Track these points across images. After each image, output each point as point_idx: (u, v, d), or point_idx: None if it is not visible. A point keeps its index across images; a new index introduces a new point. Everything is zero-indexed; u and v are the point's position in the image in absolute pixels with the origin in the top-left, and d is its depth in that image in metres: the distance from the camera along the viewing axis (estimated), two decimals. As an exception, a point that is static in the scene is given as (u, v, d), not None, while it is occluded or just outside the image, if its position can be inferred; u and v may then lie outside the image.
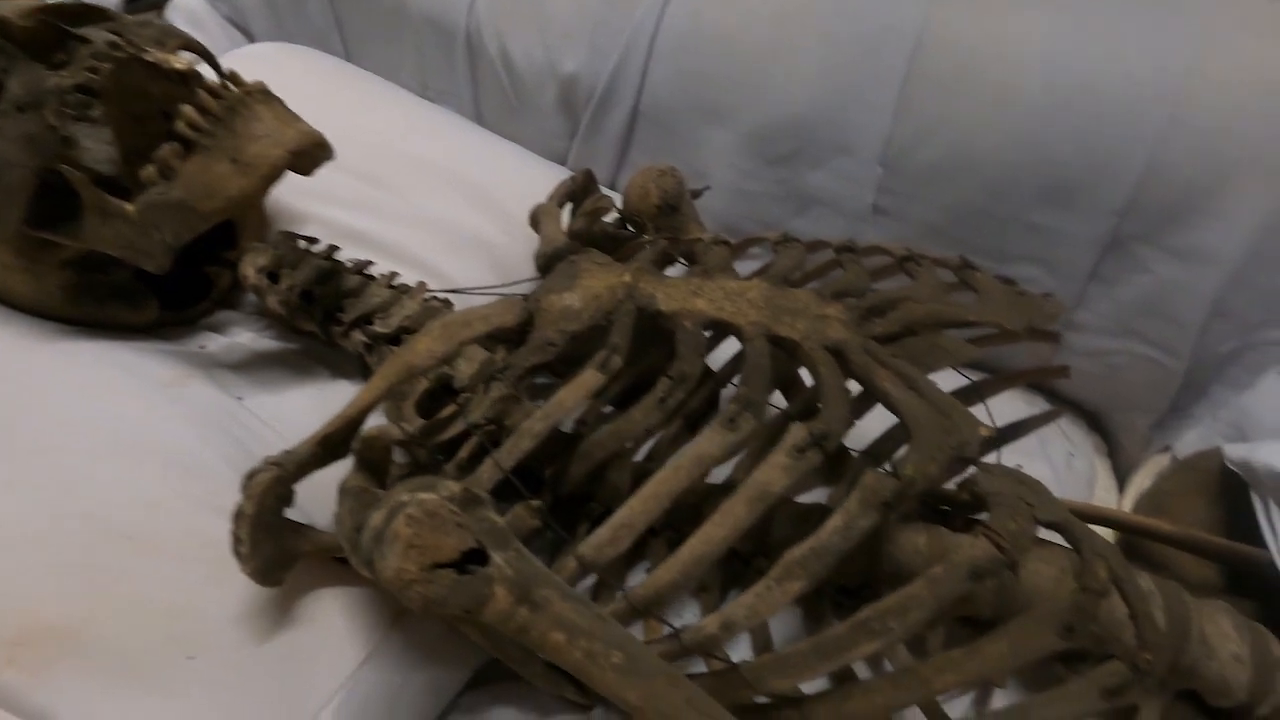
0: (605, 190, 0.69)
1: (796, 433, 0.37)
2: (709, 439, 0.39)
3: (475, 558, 0.33)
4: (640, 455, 0.49)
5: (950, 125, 0.70)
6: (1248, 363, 0.73)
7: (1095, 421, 0.85)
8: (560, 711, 0.48)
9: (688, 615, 0.49)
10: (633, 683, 0.35)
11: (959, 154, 0.70)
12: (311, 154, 0.48)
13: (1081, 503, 0.61)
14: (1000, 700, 0.48)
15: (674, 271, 0.53)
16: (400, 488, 0.33)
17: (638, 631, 0.42)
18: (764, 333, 0.42)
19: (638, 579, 0.44)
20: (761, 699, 0.40)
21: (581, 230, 0.62)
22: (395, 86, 0.86)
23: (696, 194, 0.69)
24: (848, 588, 0.51)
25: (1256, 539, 0.56)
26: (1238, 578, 0.59)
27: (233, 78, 0.47)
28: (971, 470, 0.38)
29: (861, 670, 0.44)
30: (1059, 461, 0.78)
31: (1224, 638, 0.49)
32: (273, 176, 0.47)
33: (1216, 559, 0.59)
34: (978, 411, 0.62)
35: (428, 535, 0.31)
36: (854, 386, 0.44)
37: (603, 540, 0.39)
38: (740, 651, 0.47)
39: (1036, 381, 0.81)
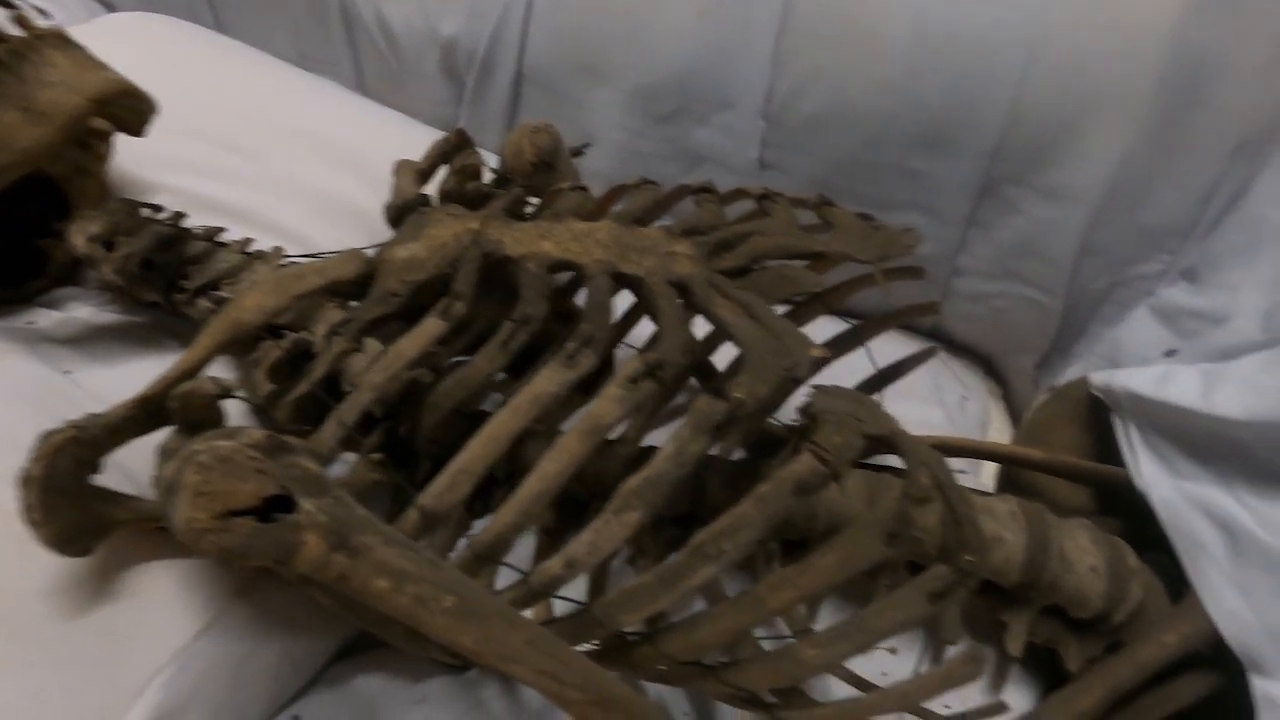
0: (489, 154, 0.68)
1: (631, 363, 0.37)
2: (547, 377, 0.38)
3: (284, 506, 0.31)
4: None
5: (826, 76, 0.71)
6: (1120, 299, 0.76)
7: (990, 366, 0.87)
8: (433, 675, 0.47)
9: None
10: (467, 626, 0.34)
11: (836, 105, 0.71)
12: (124, 104, 0.45)
13: (959, 438, 0.63)
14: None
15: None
16: (199, 439, 0.31)
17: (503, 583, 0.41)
18: (608, 270, 0.42)
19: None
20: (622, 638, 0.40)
21: (453, 190, 0.60)
22: (268, 56, 0.83)
23: (577, 152, 0.68)
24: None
25: (1121, 460, 0.58)
26: (1106, 498, 0.62)
27: (20, 21, 0.43)
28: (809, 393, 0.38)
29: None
30: (952, 405, 0.81)
31: (1082, 552, 0.51)
32: (73, 126, 0.44)
33: (1083, 481, 0.61)
34: (858, 355, 0.65)
35: (219, 481, 0.29)
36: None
37: (441, 487, 0.37)
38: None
39: (912, 321, 0.83)
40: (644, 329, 0.47)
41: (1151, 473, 0.54)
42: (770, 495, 0.33)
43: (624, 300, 0.47)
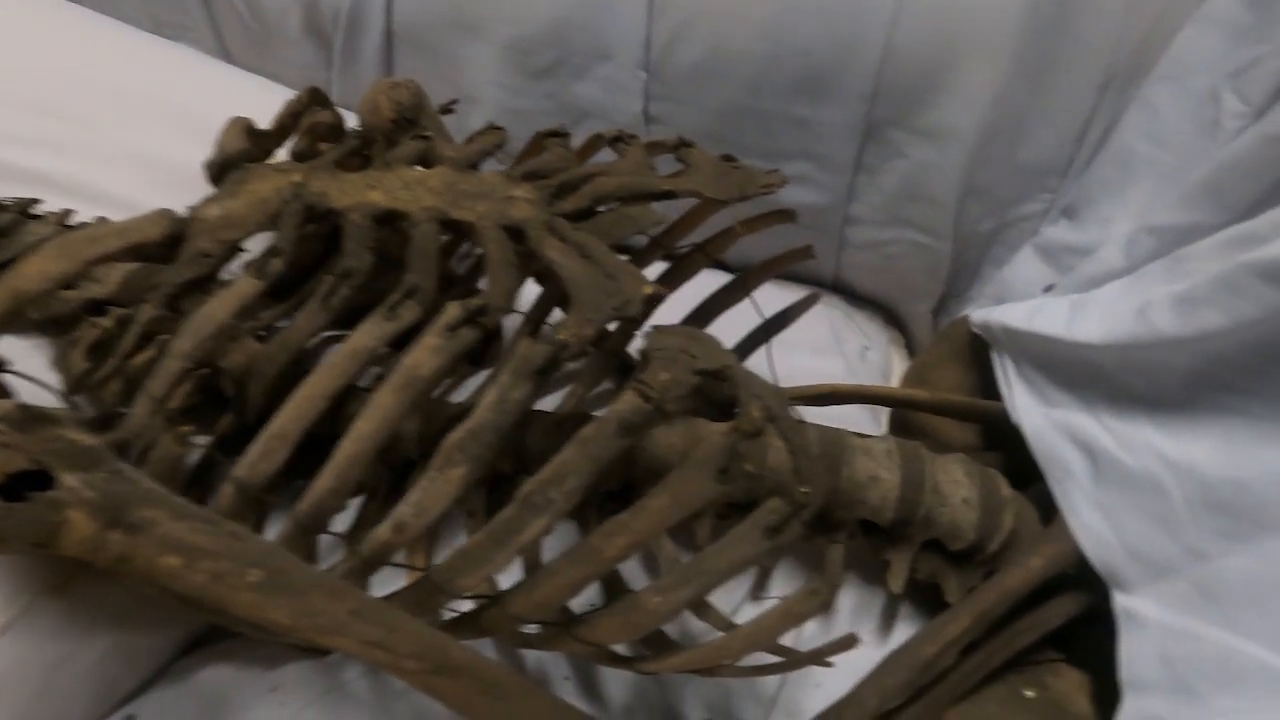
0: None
1: (450, 310, 0.35)
2: (366, 331, 0.35)
3: (44, 483, 0.28)
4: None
5: (703, 22, 0.69)
6: (1008, 240, 0.77)
7: (891, 315, 0.88)
8: (288, 661, 0.44)
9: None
10: (278, 601, 0.31)
11: (715, 51, 0.69)
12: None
13: (848, 385, 0.63)
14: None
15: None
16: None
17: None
18: (436, 217, 0.39)
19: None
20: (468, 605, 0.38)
21: (304, 151, 0.56)
22: (114, 22, 0.76)
23: (447, 109, 0.65)
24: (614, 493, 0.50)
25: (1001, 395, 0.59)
26: (992, 434, 0.62)
27: None
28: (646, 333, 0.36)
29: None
30: (853, 355, 0.81)
31: (955, 485, 0.51)
32: None
33: (965, 418, 0.61)
34: (746, 307, 0.64)
35: (-50, 458, 0.26)
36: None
37: (255, 456, 0.35)
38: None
39: (802, 271, 0.82)
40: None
41: (1024, 403, 0.55)
42: (593, 438, 0.32)
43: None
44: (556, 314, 0.56)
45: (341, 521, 0.45)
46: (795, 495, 0.32)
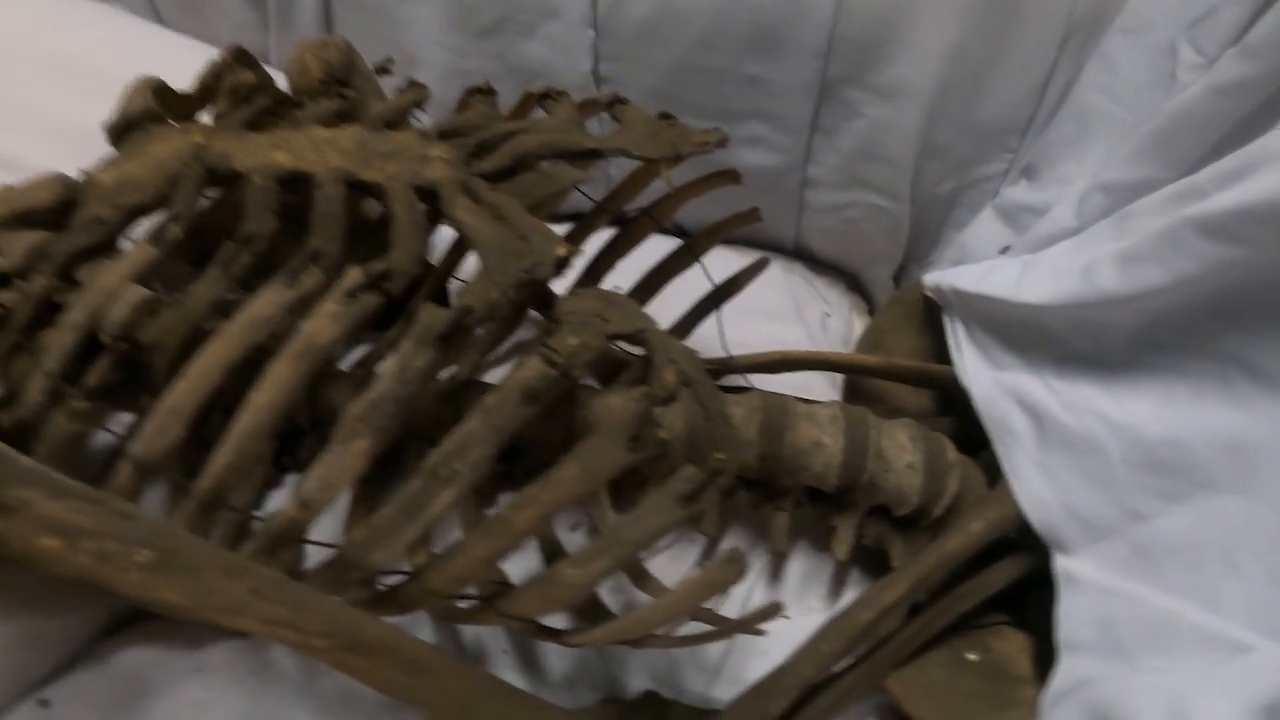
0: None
1: (351, 275, 0.33)
2: (264, 299, 0.34)
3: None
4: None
5: (651, -25, 0.66)
6: (969, 202, 0.75)
7: (854, 280, 0.86)
8: (214, 641, 0.43)
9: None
10: (171, 581, 0.30)
11: (665, 7, 0.66)
12: None
13: (801, 351, 0.61)
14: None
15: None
16: None
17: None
18: (342, 178, 0.37)
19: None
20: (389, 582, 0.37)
21: (225, 114, 0.54)
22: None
23: (383, 69, 0.62)
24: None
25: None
26: (946, 399, 0.61)
27: None
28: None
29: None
30: (814, 322, 0.79)
31: (900, 450, 0.50)
32: None
33: (916, 383, 0.60)
34: (693, 273, 0.62)
35: None
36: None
37: (150, 432, 0.33)
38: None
39: (753, 233, 0.80)
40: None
41: (973, 366, 0.54)
42: (496, 406, 0.30)
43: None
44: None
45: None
46: (710, 462, 0.31)
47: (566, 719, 0.41)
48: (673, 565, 0.57)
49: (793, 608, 0.56)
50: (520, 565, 0.45)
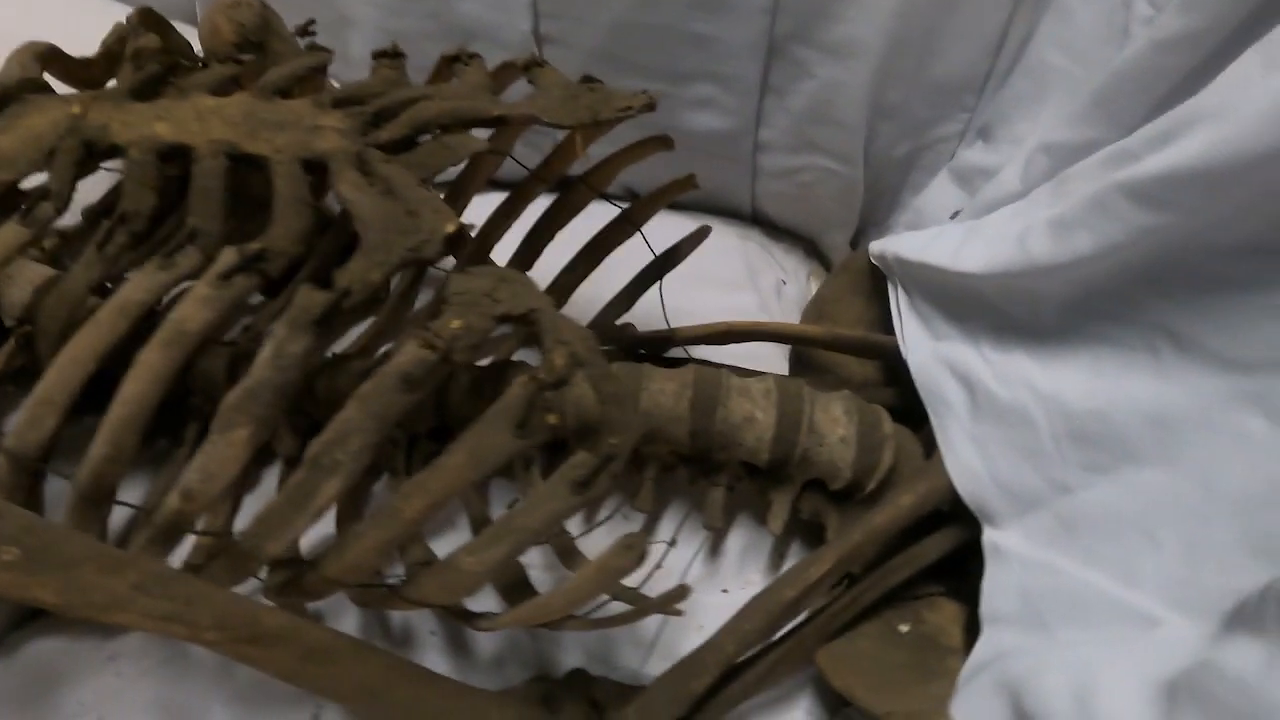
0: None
1: (225, 257, 0.31)
2: (137, 282, 0.32)
3: None
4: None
5: (589, -74, 0.62)
6: (926, 164, 0.73)
7: (812, 247, 0.85)
8: (129, 630, 0.42)
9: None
10: (42, 579, 0.29)
11: (604, -40, 0.63)
12: None
13: (744, 321, 0.60)
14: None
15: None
16: None
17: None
18: (224, 151, 0.35)
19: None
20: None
21: (130, 79, 0.51)
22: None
23: (304, 30, 0.59)
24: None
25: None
26: (894, 369, 0.60)
27: None
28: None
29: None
30: (768, 290, 0.78)
31: (833, 424, 0.49)
32: None
33: (858, 353, 0.59)
34: (634, 243, 0.60)
35: None
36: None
37: (23, 424, 0.32)
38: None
39: (709, 199, 0.79)
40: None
41: (913, 336, 0.53)
42: (373, 394, 0.29)
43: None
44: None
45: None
46: (602, 447, 0.30)
47: (485, 700, 0.40)
48: (611, 540, 0.57)
49: (732, 581, 0.56)
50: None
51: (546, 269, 0.60)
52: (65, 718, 0.39)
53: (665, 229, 0.60)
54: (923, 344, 0.52)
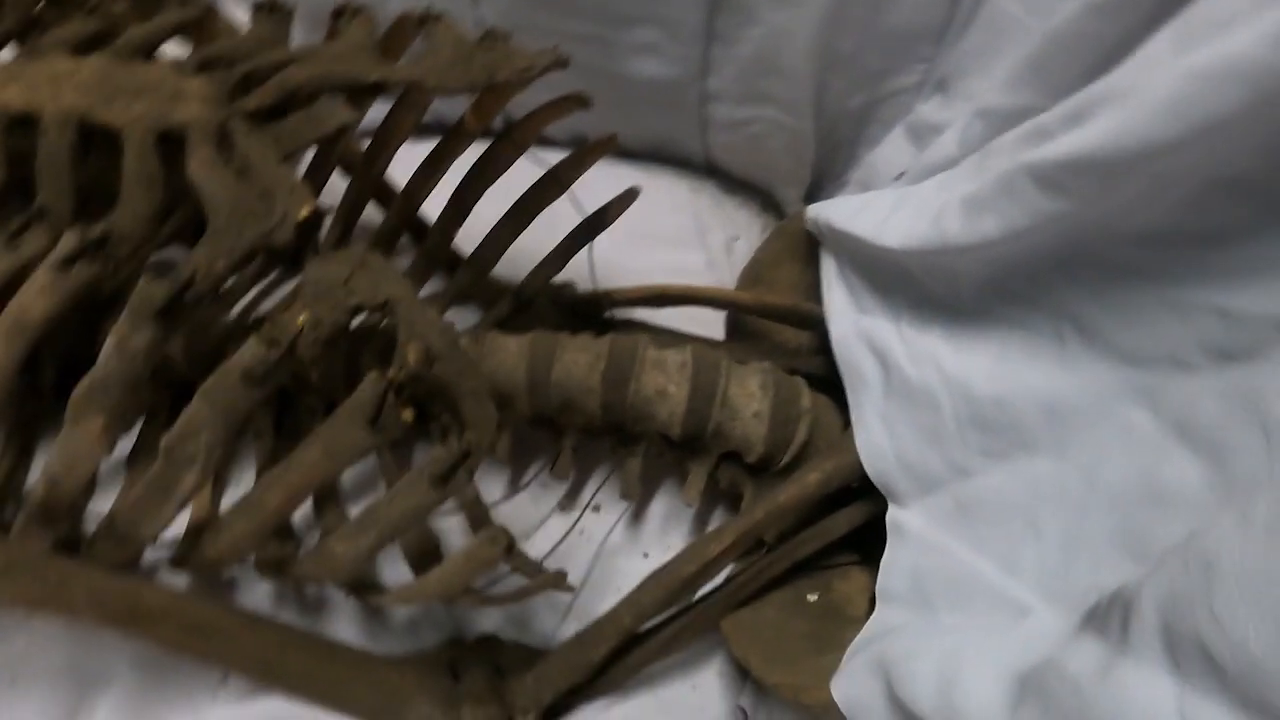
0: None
1: (65, 241, 0.30)
2: (-20, 265, 0.31)
3: None
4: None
5: None
6: (882, 118, 0.70)
7: (769, 201, 0.82)
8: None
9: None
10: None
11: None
12: None
13: (678, 285, 0.59)
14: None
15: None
16: None
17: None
18: (75, 120, 0.33)
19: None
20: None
21: (10, 30, 0.48)
22: None
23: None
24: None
25: (832, 296, 0.56)
26: (825, 338, 0.60)
27: None
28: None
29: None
30: (717, 248, 0.76)
31: (748, 398, 0.49)
32: None
33: (786, 322, 0.58)
34: (561, 206, 0.58)
35: None
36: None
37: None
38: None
39: (665, 149, 0.76)
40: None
41: (839, 308, 0.52)
42: (215, 390, 0.28)
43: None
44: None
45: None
46: (460, 444, 0.29)
47: (385, 668, 0.42)
48: (534, 506, 0.57)
49: (653, 546, 0.57)
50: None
51: (478, 227, 0.58)
52: (-24, 680, 0.40)
53: (615, 180, 0.58)
54: (845, 316, 0.51)
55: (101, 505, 0.36)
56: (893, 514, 0.45)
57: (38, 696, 0.40)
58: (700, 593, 0.47)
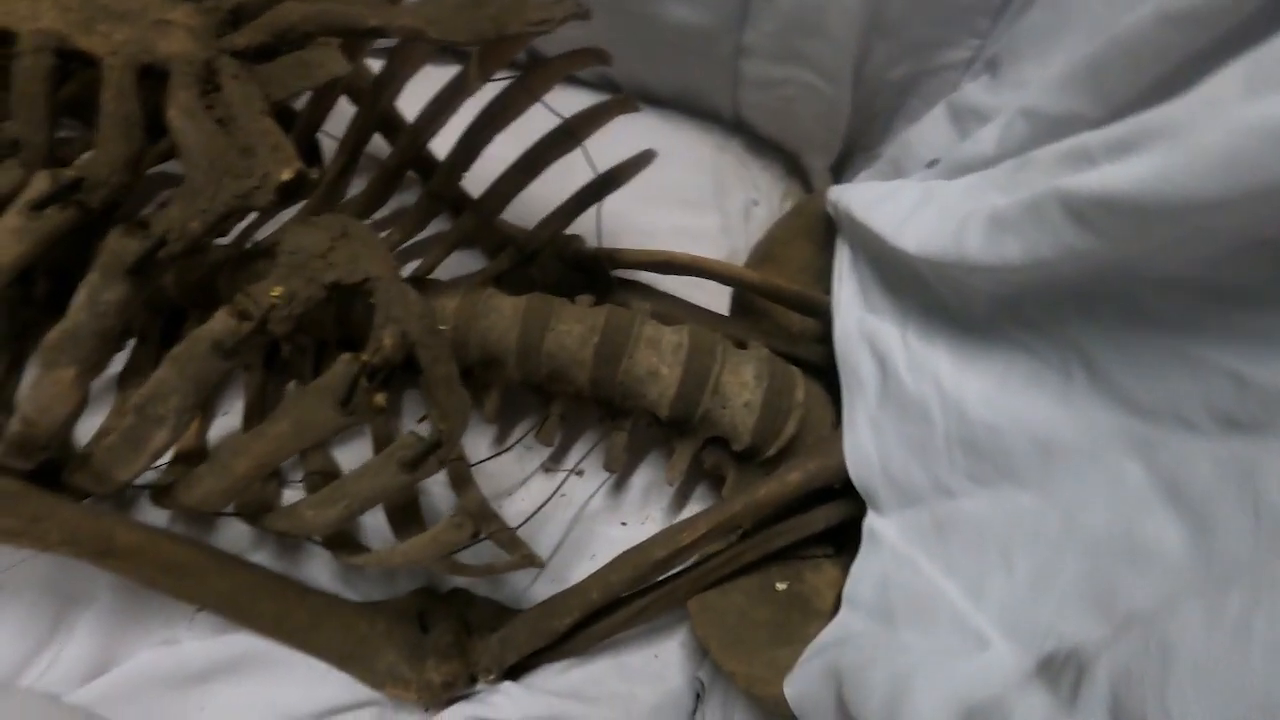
0: None
1: (37, 183, 0.28)
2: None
3: None
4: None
5: None
6: (925, 92, 0.66)
7: (794, 165, 0.79)
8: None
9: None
10: None
11: None
12: None
13: (684, 254, 0.57)
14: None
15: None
16: None
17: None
18: (51, 45, 0.31)
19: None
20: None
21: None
22: None
23: None
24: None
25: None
26: (831, 325, 0.58)
27: None
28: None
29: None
30: (734, 211, 0.73)
31: (741, 388, 0.48)
32: None
33: (794, 307, 0.57)
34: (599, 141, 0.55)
35: None
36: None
37: None
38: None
39: (691, 100, 0.72)
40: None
41: (847, 301, 0.50)
42: (185, 357, 0.28)
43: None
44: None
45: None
46: (433, 433, 0.29)
47: (354, 614, 0.43)
48: (518, 465, 0.58)
49: (632, 516, 0.57)
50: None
51: (488, 169, 0.56)
52: (-39, 588, 0.42)
53: (636, 126, 0.55)
54: (852, 311, 0.49)
55: (92, 423, 0.36)
56: (870, 520, 0.45)
57: (21, 610, 0.42)
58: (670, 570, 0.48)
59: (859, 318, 0.49)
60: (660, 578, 0.47)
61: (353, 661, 0.42)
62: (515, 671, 0.47)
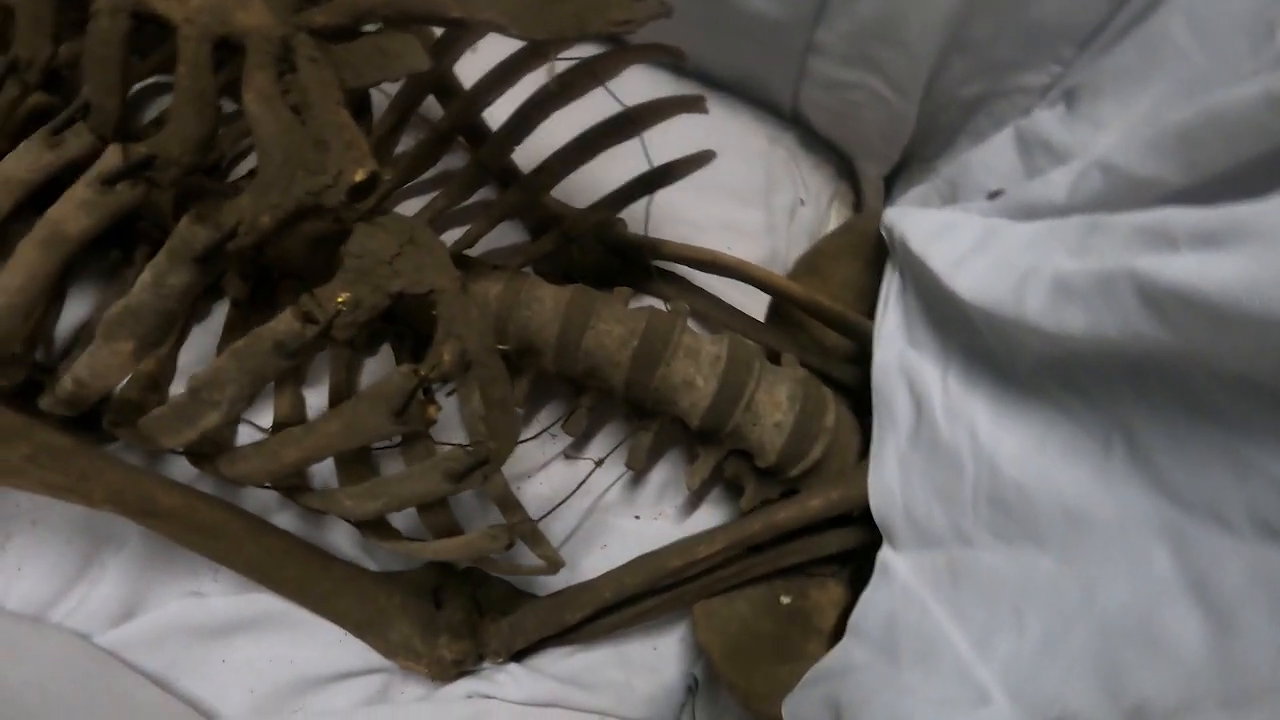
0: None
1: (108, 157, 0.28)
2: (19, 157, 0.29)
3: None
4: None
5: None
6: (995, 113, 0.63)
7: (847, 167, 0.77)
8: None
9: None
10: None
11: None
12: None
13: (731, 257, 0.56)
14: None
15: None
16: None
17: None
18: (130, 7, 0.30)
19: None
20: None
21: None
22: None
23: None
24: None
25: (886, 309, 0.53)
26: (867, 347, 0.57)
27: None
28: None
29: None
30: (780, 209, 0.72)
31: (773, 407, 0.48)
32: None
33: (834, 327, 0.56)
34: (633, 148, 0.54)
35: None
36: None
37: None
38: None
39: (750, 88, 0.70)
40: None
41: (889, 333, 0.50)
42: (246, 352, 0.28)
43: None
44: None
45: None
46: (481, 450, 0.29)
47: (373, 585, 0.44)
48: (540, 450, 0.58)
49: (646, 510, 0.58)
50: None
51: (537, 149, 0.55)
52: (3, 518, 0.43)
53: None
54: (894, 344, 0.49)
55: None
56: (884, 554, 0.46)
57: (56, 544, 0.43)
58: (680, 574, 0.49)
59: (900, 351, 0.48)
60: (668, 584, 0.48)
61: (368, 630, 0.43)
62: (520, 651, 0.48)
